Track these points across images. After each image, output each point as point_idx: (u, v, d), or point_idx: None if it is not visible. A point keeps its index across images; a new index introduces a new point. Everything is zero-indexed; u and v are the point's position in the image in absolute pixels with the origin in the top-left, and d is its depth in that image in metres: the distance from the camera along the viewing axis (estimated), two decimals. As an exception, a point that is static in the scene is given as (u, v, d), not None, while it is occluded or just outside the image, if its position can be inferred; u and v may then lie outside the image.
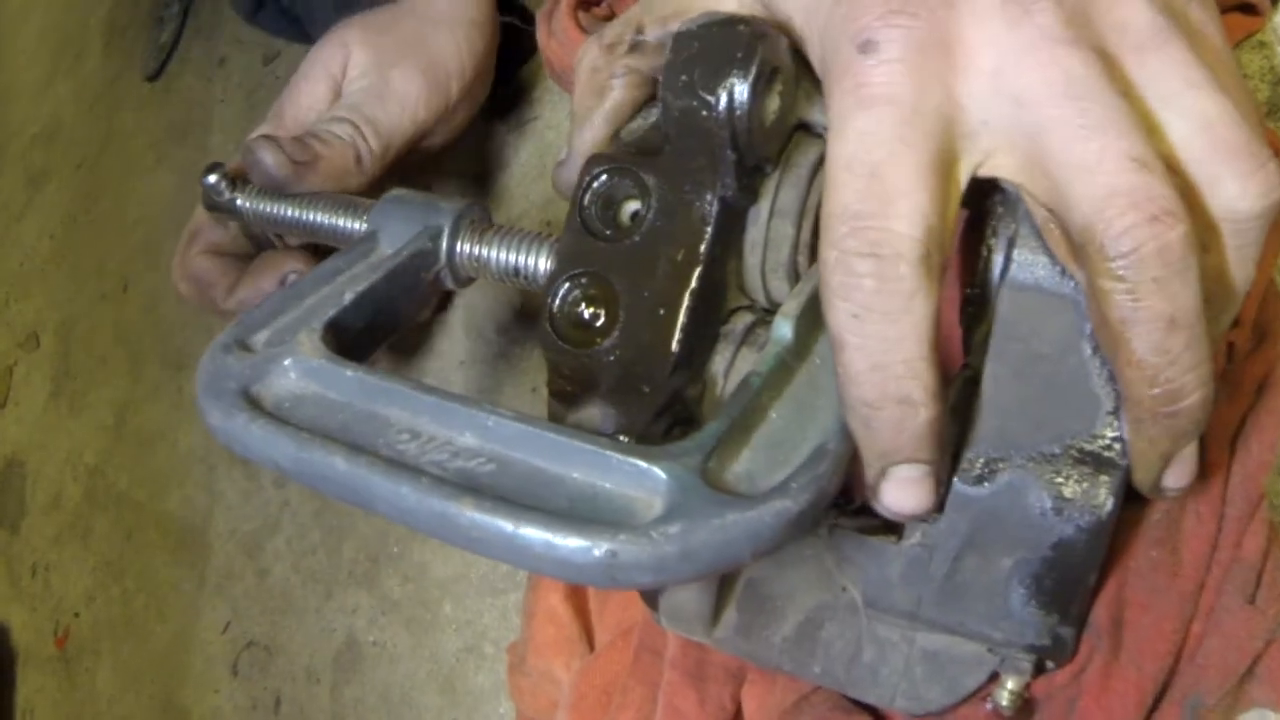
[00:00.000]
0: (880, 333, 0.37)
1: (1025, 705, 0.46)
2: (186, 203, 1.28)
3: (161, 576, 1.14)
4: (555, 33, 0.62)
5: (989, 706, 0.46)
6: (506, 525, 0.34)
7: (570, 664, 0.62)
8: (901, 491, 0.40)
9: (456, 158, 0.88)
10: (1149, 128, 0.36)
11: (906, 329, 0.37)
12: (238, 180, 0.66)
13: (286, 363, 0.44)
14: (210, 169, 0.66)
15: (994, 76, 0.37)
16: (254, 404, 0.42)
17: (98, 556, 1.23)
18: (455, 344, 0.88)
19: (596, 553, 0.33)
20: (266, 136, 0.64)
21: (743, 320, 0.47)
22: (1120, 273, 0.35)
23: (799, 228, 0.46)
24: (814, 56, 0.42)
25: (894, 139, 0.37)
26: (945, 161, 0.37)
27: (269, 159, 0.63)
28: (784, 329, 0.42)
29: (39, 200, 1.55)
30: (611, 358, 0.44)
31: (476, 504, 0.35)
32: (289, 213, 0.63)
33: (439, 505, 0.35)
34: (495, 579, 0.80)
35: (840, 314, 0.37)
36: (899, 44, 0.37)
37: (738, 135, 0.42)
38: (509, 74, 0.85)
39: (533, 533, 0.34)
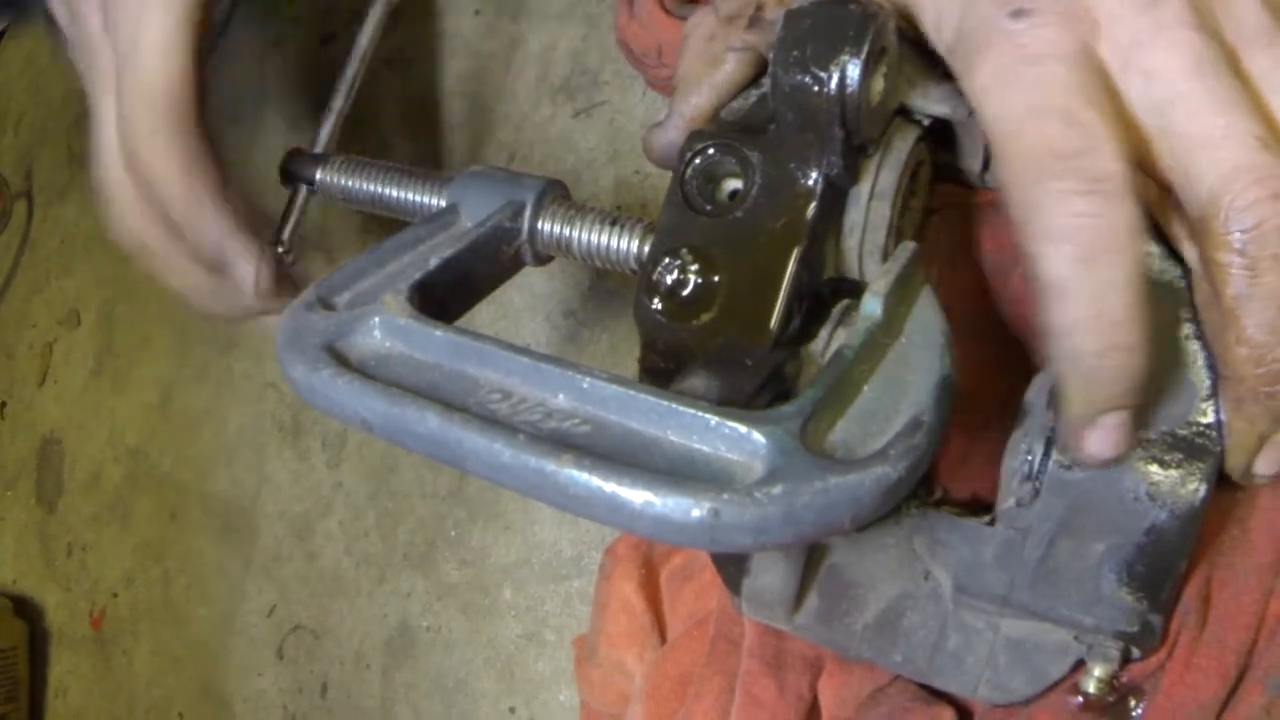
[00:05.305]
0: (1106, 276, 0.36)
1: (1113, 694, 0.46)
2: (240, 182, 1.27)
3: (205, 558, 1.13)
4: (638, 14, 0.62)
5: (1077, 701, 0.46)
6: (607, 482, 0.34)
7: (643, 655, 0.61)
8: (1106, 438, 0.40)
9: (521, 145, 0.88)
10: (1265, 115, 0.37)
11: (1131, 269, 0.36)
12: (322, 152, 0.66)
13: (374, 321, 0.44)
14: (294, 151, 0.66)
15: (1128, 50, 0.38)
16: (339, 359, 0.42)
17: (138, 537, 1.23)
18: (521, 329, 0.87)
19: (698, 512, 0.33)
20: None
21: (839, 301, 0.47)
22: (1240, 247, 0.36)
23: (894, 210, 0.46)
24: (943, 31, 0.42)
25: (1075, 85, 0.37)
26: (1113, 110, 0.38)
27: None
28: (873, 306, 0.42)
29: (81, 179, 1.53)
30: (712, 333, 0.44)
31: (575, 461, 0.34)
32: (366, 186, 0.63)
33: (535, 462, 0.35)
34: (558, 565, 0.79)
35: (1060, 260, 0.36)
36: (1050, 11, 0.38)
37: (847, 113, 0.43)
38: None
39: (634, 490, 0.33)
